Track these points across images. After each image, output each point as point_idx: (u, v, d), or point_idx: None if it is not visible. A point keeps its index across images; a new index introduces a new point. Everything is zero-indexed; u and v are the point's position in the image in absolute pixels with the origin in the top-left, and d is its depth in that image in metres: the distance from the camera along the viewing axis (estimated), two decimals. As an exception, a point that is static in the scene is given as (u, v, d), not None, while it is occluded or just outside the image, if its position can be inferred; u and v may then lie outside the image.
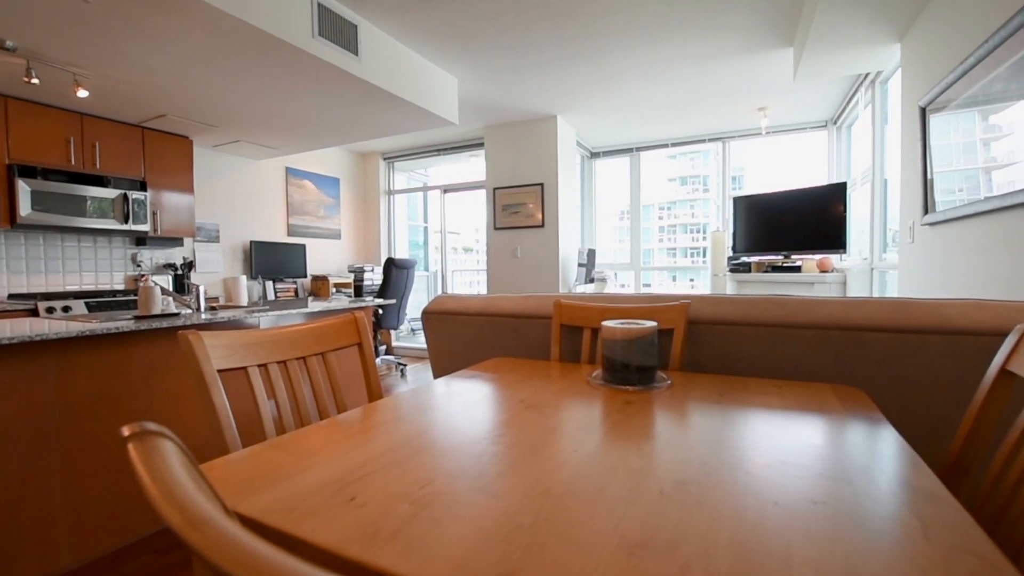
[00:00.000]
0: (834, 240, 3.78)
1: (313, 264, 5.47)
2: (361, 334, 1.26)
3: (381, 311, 4.58)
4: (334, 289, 5.35)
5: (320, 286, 5.31)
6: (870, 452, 0.75)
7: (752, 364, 1.40)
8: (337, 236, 5.80)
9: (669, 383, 1.17)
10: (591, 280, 4.97)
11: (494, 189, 5.00)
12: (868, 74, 3.55)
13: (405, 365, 4.90)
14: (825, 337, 1.30)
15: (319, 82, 3.00)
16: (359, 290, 5.37)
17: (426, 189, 6.22)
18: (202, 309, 2.34)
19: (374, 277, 5.45)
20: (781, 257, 4.09)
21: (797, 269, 3.88)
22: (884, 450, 0.75)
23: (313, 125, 3.90)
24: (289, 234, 5.26)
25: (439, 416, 0.95)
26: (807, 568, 0.46)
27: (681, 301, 1.45)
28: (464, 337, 1.87)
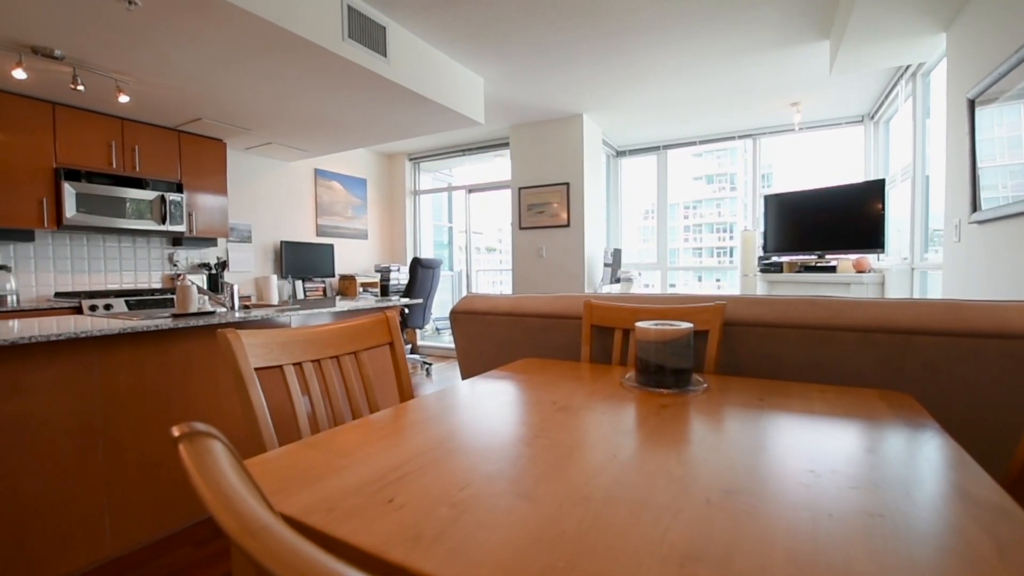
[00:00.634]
0: (871, 239, 3.64)
1: (341, 264, 5.56)
2: (393, 333, 1.26)
3: (407, 310, 4.62)
4: (361, 288, 5.43)
5: (347, 285, 5.39)
6: (926, 461, 0.71)
7: (791, 368, 1.35)
8: (364, 236, 5.88)
9: (705, 386, 1.14)
10: (617, 280, 4.92)
11: (519, 189, 4.99)
12: (909, 66, 3.40)
13: (430, 364, 4.93)
14: (869, 340, 1.25)
15: (348, 84, 3.04)
16: (385, 289, 5.43)
17: (451, 189, 6.25)
18: (236, 308, 2.39)
19: (400, 277, 5.50)
20: (815, 257, 3.96)
21: (832, 269, 3.75)
22: (940, 459, 0.71)
23: (342, 126, 3.96)
24: (318, 234, 5.36)
25: (472, 417, 0.94)
26: (872, 587, 0.43)
27: (716, 302, 1.41)
28: (493, 337, 1.86)
